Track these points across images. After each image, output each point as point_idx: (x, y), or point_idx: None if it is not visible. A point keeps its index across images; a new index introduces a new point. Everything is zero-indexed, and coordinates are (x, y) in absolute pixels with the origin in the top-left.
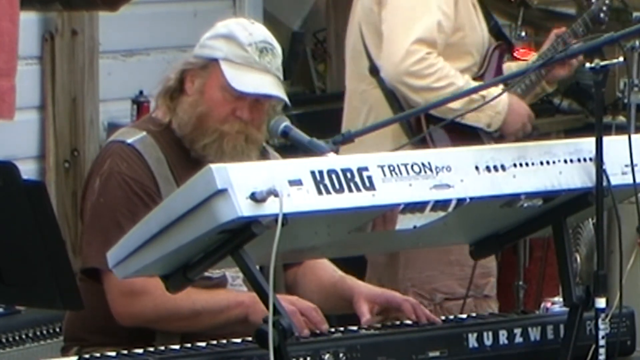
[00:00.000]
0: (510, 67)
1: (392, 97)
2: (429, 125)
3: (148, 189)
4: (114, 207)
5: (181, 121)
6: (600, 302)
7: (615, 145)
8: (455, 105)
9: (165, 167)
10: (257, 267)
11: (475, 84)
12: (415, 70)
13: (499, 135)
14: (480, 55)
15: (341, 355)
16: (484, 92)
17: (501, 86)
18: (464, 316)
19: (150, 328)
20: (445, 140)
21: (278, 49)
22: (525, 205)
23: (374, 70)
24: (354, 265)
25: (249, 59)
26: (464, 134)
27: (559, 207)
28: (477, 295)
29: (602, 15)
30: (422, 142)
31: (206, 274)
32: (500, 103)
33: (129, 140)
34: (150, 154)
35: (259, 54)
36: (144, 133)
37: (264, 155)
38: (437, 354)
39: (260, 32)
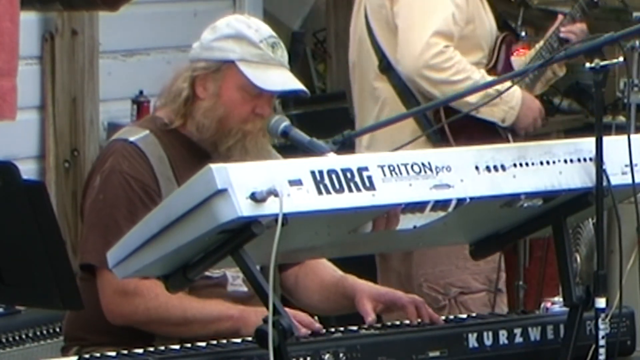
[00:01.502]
0: (520, 63)
1: (406, 92)
2: (446, 118)
3: (149, 188)
4: (113, 205)
5: (201, 126)
6: (600, 302)
7: (615, 145)
8: (471, 99)
9: (167, 167)
10: (258, 267)
11: (489, 78)
12: (434, 63)
13: (512, 130)
14: (489, 48)
15: (341, 355)
16: (498, 86)
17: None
18: (464, 316)
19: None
20: (461, 133)
21: (282, 42)
22: (525, 205)
23: (386, 67)
24: (362, 266)
25: (264, 56)
26: (479, 127)
27: (559, 207)
28: (491, 290)
29: None
30: (442, 137)
31: (206, 273)
32: (514, 99)
33: (132, 139)
34: (152, 152)
35: (272, 49)
36: (147, 132)
37: (269, 157)
38: (437, 354)
39: (263, 27)
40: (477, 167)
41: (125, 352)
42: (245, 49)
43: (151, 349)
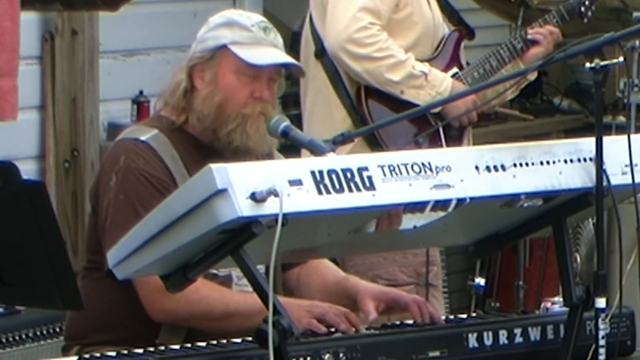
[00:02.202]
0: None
1: (336, 78)
2: (367, 101)
3: (166, 184)
4: (136, 203)
5: (200, 114)
6: (600, 302)
7: (615, 145)
8: (395, 77)
9: (180, 165)
10: (263, 267)
11: (418, 64)
12: (357, 37)
13: (441, 118)
14: (432, 38)
15: (341, 355)
16: (425, 70)
17: (451, 73)
18: (464, 316)
19: (156, 327)
20: (385, 113)
21: (275, 29)
22: (525, 205)
23: (320, 53)
24: None
25: (256, 37)
26: (404, 109)
27: (559, 207)
28: (420, 283)
29: (582, 9)
30: (362, 119)
31: (212, 271)
32: (443, 84)
33: (143, 138)
34: (164, 151)
35: (264, 32)
36: (156, 131)
37: (270, 157)
38: (437, 354)
39: (255, 15)
40: (477, 167)
41: (125, 352)
42: (237, 32)
43: (151, 348)
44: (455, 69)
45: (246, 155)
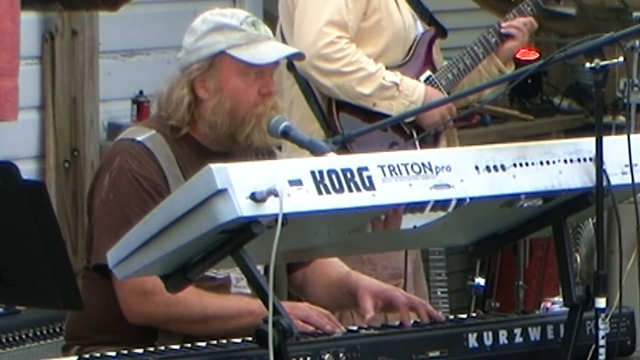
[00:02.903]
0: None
1: (308, 91)
2: (339, 114)
3: (158, 186)
4: (125, 204)
5: (213, 124)
6: (600, 302)
7: (615, 145)
8: (366, 90)
9: (175, 166)
10: (263, 267)
11: (389, 73)
12: (325, 52)
13: (416, 126)
14: (403, 42)
15: (341, 355)
16: (396, 80)
17: (424, 77)
18: (464, 316)
19: (156, 327)
20: (357, 125)
21: (259, 19)
22: (525, 205)
23: (291, 65)
24: None
25: (250, 35)
26: (376, 119)
27: (559, 207)
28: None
29: None
30: (334, 132)
31: (210, 274)
32: (416, 93)
33: (139, 138)
34: (160, 152)
35: (254, 27)
36: (154, 131)
37: (271, 157)
38: (437, 354)
39: (237, 11)
40: (477, 167)
41: (125, 352)
42: (230, 35)
43: (151, 348)
44: (428, 72)
45: (249, 155)
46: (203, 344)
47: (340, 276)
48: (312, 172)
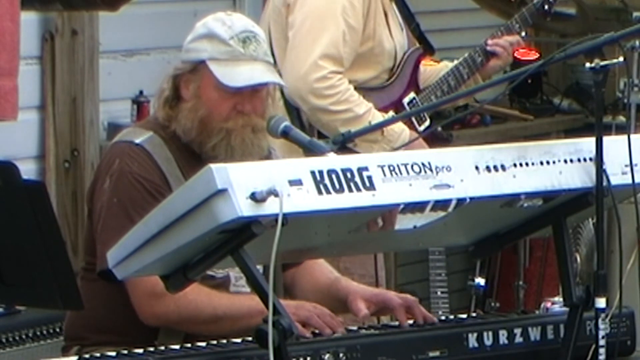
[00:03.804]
0: (425, 70)
1: (294, 113)
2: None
3: (160, 187)
4: (129, 206)
5: (184, 127)
6: (600, 302)
7: (615, 145)
8: (343, 128)
9: (175, 167)
10: (261, 266)
11: (377, 115)
12: (317, 87)
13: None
14: (392, 65)
15: (341, 355)
16: (381, 119)
17: (407, 100)
18: (464, 316)
19: (156, 327)
20: None
21: (261, 34)
22: (525, 205)
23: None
24: None
25: (233, 53)
26: None
27: (559, 207)
28: None
29: (546, 7)
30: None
31: (210, 273)
32: (400, 139)
33: (137, 140)
34: (159, 153)
35: (243, 44)
36: (151, 133)
37: (269, 158)
38: (437, 354)
39: (239, 22)
40: (477, 167)
41: (125, 352)
42: (215, 47)
43: (151, 348)
44: (412, 94)
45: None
46: (203, 344)
47: (328, 282)
48: (312, 172)
